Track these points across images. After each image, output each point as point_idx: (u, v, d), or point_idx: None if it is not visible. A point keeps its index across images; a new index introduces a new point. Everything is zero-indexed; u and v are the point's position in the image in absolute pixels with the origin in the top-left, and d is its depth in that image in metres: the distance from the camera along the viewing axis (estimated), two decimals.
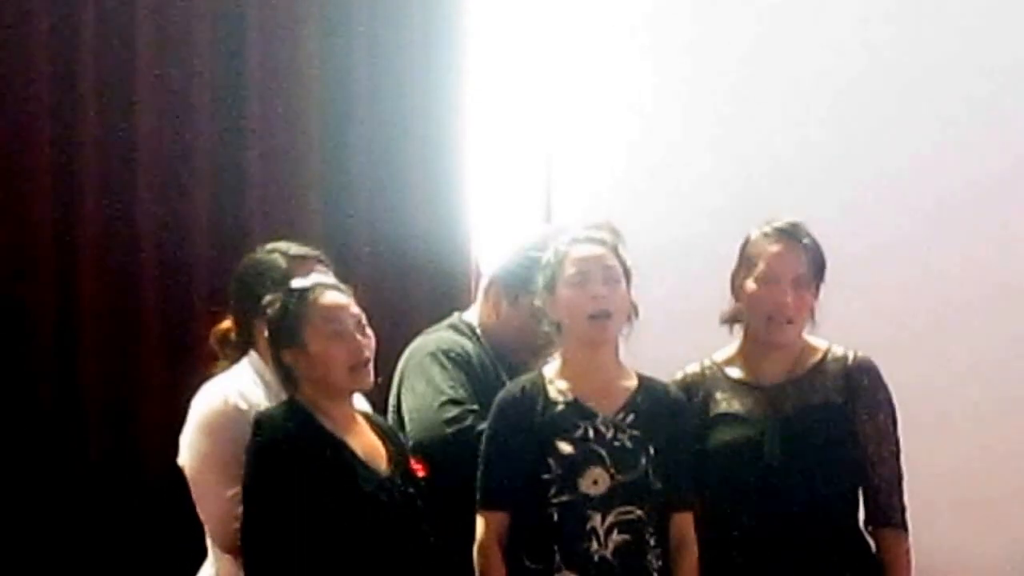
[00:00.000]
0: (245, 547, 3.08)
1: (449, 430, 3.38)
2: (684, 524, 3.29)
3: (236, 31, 4.57)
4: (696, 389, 3.43)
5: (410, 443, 3.38)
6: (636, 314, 3.33)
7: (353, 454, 3.11)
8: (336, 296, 3.19)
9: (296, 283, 3.21)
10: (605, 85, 4.88)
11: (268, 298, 3.20)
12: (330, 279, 3.26)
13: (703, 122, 4.79)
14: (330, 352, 3.13)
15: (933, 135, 4.69)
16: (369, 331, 3.21)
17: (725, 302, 3.47)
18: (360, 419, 3.25)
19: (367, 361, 3.17)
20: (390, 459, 3.19)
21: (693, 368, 3.49)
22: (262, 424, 3.10)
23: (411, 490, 3.17)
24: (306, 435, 3.07)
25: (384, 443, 3.22)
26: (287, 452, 3.04)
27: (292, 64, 4.60)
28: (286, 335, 3.15)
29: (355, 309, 3.20)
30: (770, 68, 4.77)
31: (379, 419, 3.36)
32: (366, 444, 3.18)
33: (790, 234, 3.39)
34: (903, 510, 3.38)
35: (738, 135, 4.76)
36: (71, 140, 4.40)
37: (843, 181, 4.70)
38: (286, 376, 3.18)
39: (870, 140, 4.73)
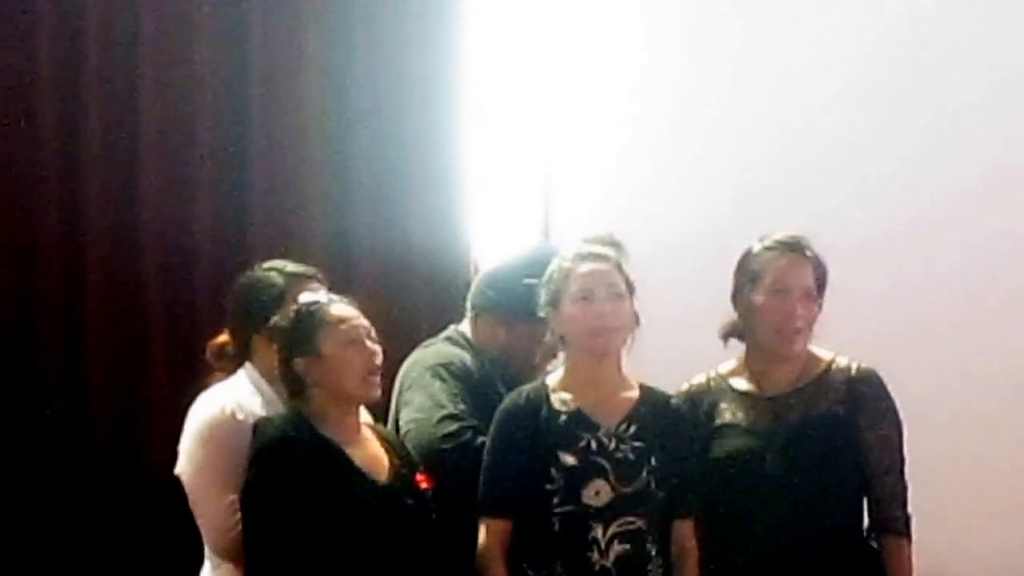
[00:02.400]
0: (244, 548, 3.11)
1: (446, 446, 3.36)
2: (685, 532, 3.30)
3: (238, 40, 4.58)
4: (701, 400, 3.44)
5: None
6: (638, 324, 3.33)
7: (348, 461, 3.13)
8: (347, 307, 3.24)
9: (306, 297, 3.25)
10: (604, 91, 4.88)
11: (277, 316, 3.23)
12: (336, 296, 3.29)
13: (703, 129, 4.78)
14: (346, 357, 3.16)
15: (930, 137, 4.68)
16: (377, 343, 3.23)
17: (724, 306, 3.47)
18: (367, 431, 3.27)
19: (378, 370, 3.21)
20: (392, 470, 3.20)
21: (698, 379, 3.50)
22: (260, 428, 3.14)
23: (409, 501, 3.17)
24: (302, 439, 3.10)
25: (389, 455, 3.24)
26: (281, 454, 3.07)
27: (293, 74, 4.62)
28: (300, 342, 3.17)
29: (364, 321, 3.24)
30: (771, 76, 4.76)
31: (387, 432, 3.38)
32: (368, 454, 3.20)
33: (796, 247, 3.41)
34: (907, 519, 3.37)
35: (739, 143, 4.75)
36: (74, 146, 4.40)
37: (847, 186, 4.70)
38: (295, 386, 3.19)
39: (872, 143, 4.71)
